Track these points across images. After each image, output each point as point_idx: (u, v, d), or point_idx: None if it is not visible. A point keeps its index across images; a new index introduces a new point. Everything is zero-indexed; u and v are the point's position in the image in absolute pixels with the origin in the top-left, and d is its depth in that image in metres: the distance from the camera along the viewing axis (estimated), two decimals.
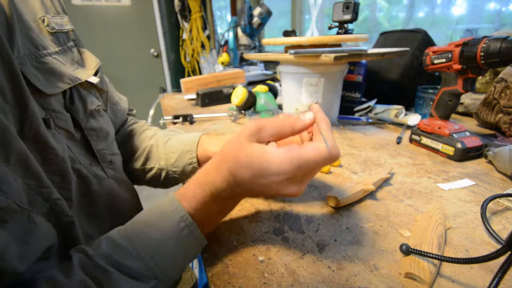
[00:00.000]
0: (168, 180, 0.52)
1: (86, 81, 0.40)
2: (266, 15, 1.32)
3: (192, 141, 0.49)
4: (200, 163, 0.48)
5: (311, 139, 0.33)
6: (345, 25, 0.78)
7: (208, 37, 2.43)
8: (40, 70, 0.34)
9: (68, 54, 0.40)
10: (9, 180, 0.26)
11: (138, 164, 0.52)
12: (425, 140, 0.60)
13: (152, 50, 2.61)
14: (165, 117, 0.90)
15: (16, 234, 0.25)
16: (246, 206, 0.42)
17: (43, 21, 0.37)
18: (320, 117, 0.31)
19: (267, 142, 0.30)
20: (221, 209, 0.33)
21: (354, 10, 0.74)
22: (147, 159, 0.52)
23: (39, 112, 0.32)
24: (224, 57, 1.39)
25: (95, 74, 0.43)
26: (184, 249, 0.31)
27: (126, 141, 0.54)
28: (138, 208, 0.50)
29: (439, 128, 0.57)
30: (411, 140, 0.63)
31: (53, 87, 0.35)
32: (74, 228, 0.33)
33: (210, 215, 0.32)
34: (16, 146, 0.27)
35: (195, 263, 0.59)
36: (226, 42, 1.40)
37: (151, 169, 0.52)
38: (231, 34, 1.36)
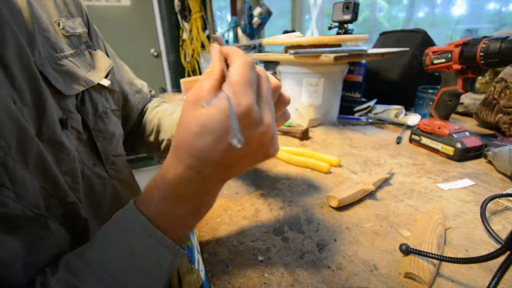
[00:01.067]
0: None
1: (98, 84, 0.41)
2: (266, 15, 1.32)
3: None
4: None
5: None
6: (345, 25, 0.78)
7: (208, 37, 2.43)
8: (59, 72, 0.35)
9: (81, 57, 0.41)
10: (27, 184, 0.26)
11: (152, 138, 0.56)
12: (425, 140, 0.60)
13: (152, 50, 2.61)
14: None
15: (28, 241, 0.26)
16: (246, 206, 0.43)
17: (59, 24, 0.38)
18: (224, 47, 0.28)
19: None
20: (195, 209, 0.28)
21: (354, 10, 0.74)
22: (158, 132, 0.56)
23: (57, 112, 0.33)
24: None
25: (106, 76, 0.44)
26: (150, 261, 0.27)
27: (144, 120, 0.58)
28: None
29: (439, 128, 0.57)
30: (411, 140, 0.63)
31: (70, 88, 0.36)
32: (87, 230, 0.34)
33: (179, 217, 0.28)
34: (34, 149, 0.28)
35: (201, 264, 0.59)
36: (226, 42, 1.40)
37: (162, 140, 0.55)
38: (231, 34, 1.36)
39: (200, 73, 2.51)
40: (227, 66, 0.28)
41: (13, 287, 0.24)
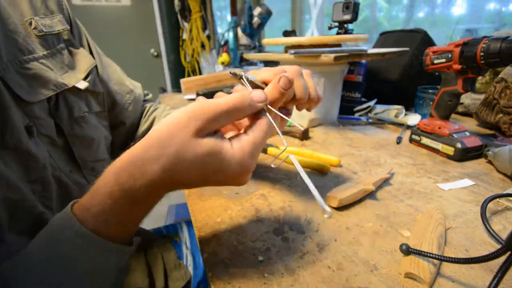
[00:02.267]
0: None
1: (74, 87, 0.39)
2: (266, 15, 1.32)
3: None
4: None
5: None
6: (345, 25, 0.78)
7: (208, 37, 2.43)
8: (24, 76, 0.32)
9: (57, 57, 0.38)
10: None
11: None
12: (425, 140, 0.60)
13: (152, 50, 2.61)
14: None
15: None
16: (246, 206, 0.42)
17: (30, 23, 0.35)
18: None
19: (214, 132, 0.25)
20: (145, 211, 0.26)
21: (354, 10, 0.74)
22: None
23: (22, 120, 0.31)
24: (224, 57, 1.39)
25: (86, 77, 0.41)
26: (87, 266, 0.24)
27: (139, 124, 0.57)
28: None
29: (439, 128, 0.57)
30: (411, 140, 0.63)
31: (36, 94, 0.33)
32: None
33: (121, 219, 0.25)
34: None
35: (189, 260, 0.59)
36: (226, 42, 1.40)
37: None
38: (231, 34, 1.36)
39: (200, 73, 2.51)
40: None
41: None
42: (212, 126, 0.24)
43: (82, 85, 0.40)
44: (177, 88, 1.43)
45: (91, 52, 0.48)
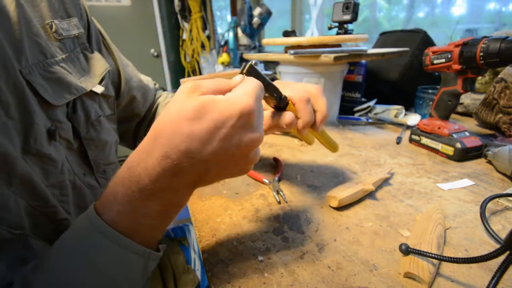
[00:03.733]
0: None
1: (91, 91, 0.39)
2: (266, 15, 1.32)
3: None
4: None
5: None
6: (345, 25, 0.78)
7: (208, 37, 2.43)
8: (48, 80, 0.33)
9: (75, 61, 0.38)
10: (9, 205, 0.25)
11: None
12: (424, 140, 0.60)
13: (152, 50, 2.61)
14: None
15: (9, 262, 0.25)
16: (246, 206, 0.43)
17: (51, 27, 0.35)
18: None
19: None
20: (163, 208, 0.25)
21: (354, 10, 0.74)
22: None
23: (45, 123, 0.32)
24: (224, 57, 1.39)
25: (101, 81, 0.42)
26: (117, 270, 0.24)
27: (154, 116, 0.59)
28: None
29: (439, 128, 0.57)
30: (411, 140, 0.63)
31: (60, 97, 0.34)
32: None
33: (146, 217, 0.24)
34: (19, 167, 0.26)
35: (197, 264, 0.59)
36: (226, 42, 1.40)
37: None
38: (231, 34, 1.36)
39: (200, 73, 2.51)
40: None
41: None
42: (203, 89, 0.24)
43: (99, 89, 0.40)
44: (177, 88, 1.43)
45: (110, 55, 0.50)
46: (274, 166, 0.56)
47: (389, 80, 0.89)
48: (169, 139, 0.22)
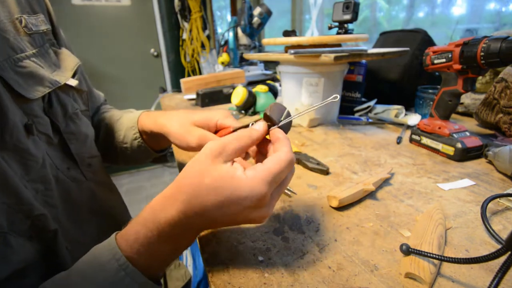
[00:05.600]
0: (124, 155, 0.53)
1: (65, 84, 0.39)
2: (266, 15, 1.32)
3: (134, 118, 0.50)
4: (142, 137, 0.50)
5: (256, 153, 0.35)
6: (345, 25, 0.78)
7: (208, 37, 2.44)
8: (20, 75, 0.32)
9: (45, 56, 0.38)
10: None
11: (98, 146, 0.52)
12: (425, 140, 0.60)
13: (152, 50, 2.61)
14: None
15: None
16: None
17: (20, 21, 0.35)
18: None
19: (232, 162, 0.27)
20: (174, 248, 0.28)
21: (354, 10, 0.74)
22: (103, 139, 0.53)
23: (21, 118, 0.31)
24: (224, 57, 1.39)
25: (73, 76, 0.41)
26: None
27: (99, 129, 0.54)
28: (123, 208, 0.51)
29: (439, 128, 0.57)
30: (411, 140, 0.63)
31: (34, 91, 0.33)
32: (56, 241, 0.33)
33: (159, 256, 0.28)
34: None
35: (189, 260, 0.59)
36: (226, 42, 1.40)
37: (109, 147, 0.53)
38: (231, 34, 1.36)
39: (200, 73, 2.51)
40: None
41: None
42: (227, 152, 0.27)
43: (73, 82, 0.40)
44: (177, 88, 1.43)
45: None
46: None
47: (389, 80, 0.89)
48: (187, 199, 0.25)
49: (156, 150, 0.53)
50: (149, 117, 0.49)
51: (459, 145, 0.52)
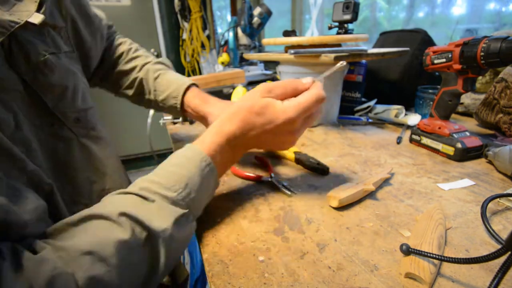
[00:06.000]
0: (156, 107, 0.59)
1: (28, 22, 0.31)
2: (266, 15, 1.32)
3: (178, 91, 0.55)
4: (182, 109, 0.56)
5: None
6: (345, 25, 0.78)
7: (208, 37, 2.43)
8: None
9: None
10: None
11: (130, 93, 0.58)
12: (425, 140, 0.60)
13: (152, 50, 2.61)
14: (165, 117, 0.90)
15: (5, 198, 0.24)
16: (246, 206, 0.42)
17: None
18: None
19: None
20: (233, 156, 0.39)
21: (354, 10, 0.74)
22: (139, 90, 0.57)
23: None
24: (224, 57, 1.39)
25: (39, 9, 0.32)
26: (206, 185, 0.35)
27: (116, 66, 0.57)
28: (120, 166, 0.49)
29: (439, 128, 0.57)
30: (411, 140, 0.63)
31: None
32: (54, 196, 0.31)
33: (224, 159, 0.37)
34: None
35: (187, 257, 0.59)
36: (226, 42, 1.40)
37: (142, 98, 0.57)
38: (231, 34, 1.36)
39: (200, 73, 2.51)
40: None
41: (23, 226, 0.23)
42: (272, 94, 0.36)
43: (37, 18, 0.31)
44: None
45: None
46: (257, 164, 0.57)
47: (389, 80, 0.89)
48: (242, 119, 0.36)
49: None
50: (196, 98, 0.55)
51: (459, 145, 0.52)
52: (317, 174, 0.51)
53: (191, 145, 0.36)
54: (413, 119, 0.73)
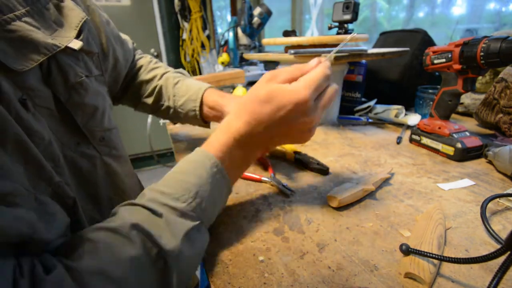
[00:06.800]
0: (175, 116, 0.59)
1: (67, 47, 0.33)
2: (266, 15, 1.32)
3: (197, 93, 0.55)
4: (201, 113, 0.56)
5: None
6: (345, 25, 0.78)
7: (208, 37, 2.43)
8: (9, 41, 0.27)
9: (43, 13, 0.32)
10: (10, 168, 0.24)
11: (150, 101, 0.58)
12: (425, 140, 0.60)
13: (152, 50, 2.61)
14: None
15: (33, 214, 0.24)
16: (246, 206, 0.42)
17: None
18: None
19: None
20: (245, 155, 0.36)
21: (354, 10, 0.74)
22: (158, 98, 0.58)
23: (14, 93, 0.27)
24: (224, 57, 1.39)
25: (79, 35, 0.35)
26: (218, 192, 0.33)
27: (136, 77, 0.58)
28: (137, 183, 0.50)
29: (439, 128, 0.57)
30: (411, 140, 0.63)
31: (26, 61, 0.29)
32: (77, 210, 0.31)
33: (235, 160, 0.35)
34: (12, 131, 0.24)
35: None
36: (226, 42, 1.40)
37: (161, 105, 0.58)
38: (231, 34, 1.36)
39: (200, 73, 2.51)
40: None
41: (45, 243, 0.23)
42: (277, 79, 0.34)
43: (76, 44, 0.34)
44: None
45: (84, 4, 0.43)
46: (257, 164, 0.57)
47: (389, 80, 0.89)
48: (249, 112, 0.33)
49: (206, 122, 0.58)
50: (214, 95, 0.55)
51: (459, 145, 0.52)
52: (317, 174, 0.51)
53: (199, 149, 0.34)
54: (413, 119, 0.73)
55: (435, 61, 0.56)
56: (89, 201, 0.37)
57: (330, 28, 0.81)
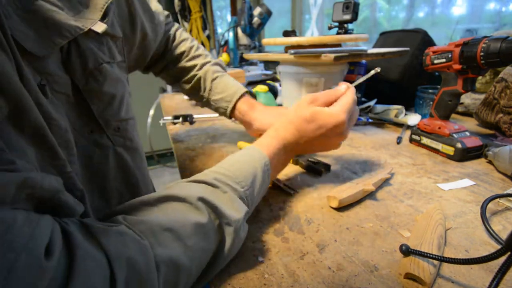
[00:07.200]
0: (206, 104, 0.64)
1: (91, 30, 0.31)
2: (266, 15, 1.32)
3: (232, 97, 0.60)
4: (231, 114, 0.61)
5: None
6: (345, 25, 0.78)
7: (208, 37, 2.43)
8: (30, 22, 0.26)
9: None
10: (25, 150, 0.23)
11: (187, 87, 0.64)
12: (425, 140, 0.60)
13: None
14: (165, 117, 0.90)
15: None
16: None
17: None
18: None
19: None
20: (285, 160, 0.43)
21: (354, 10, 0.74)
22: (195, 86, 0.63)
23: (33, 78, 0.26)
24: (224, 57, 1.39)
25: (104, 17, 0.33)
26: (263, 188, 0.37)
27: (179, 61, 0.63)
28: (149, 180, 0.48)
29: (439, 128, 0.57)
30: (411, 140, 0.63)
31: (48, 44, 0.27)
32: (85, 202, 0.30)
33: (278, 163, 0.41)
34: (33, 117, 0.23)
35: None
36: (226, 42, 1.40)
37: (197, 93, 0.64)
38: (231, 34, 1.36)
39: None
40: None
41: (75, 212, 0.24)
42: (317, 102, 0.42)
43: (100, 27, 0.32)
44: (177, 88, 1.43)
45: None
46: None
47: (389, 80, 0.89)
48: (296, 127, 0.41)
49: (231, 117, 0.63)
50: (245, 104, 0.59)
51: (459, 145, 0.52)
52: (316, 174, 0.51)
53: (254, 147, 0.39)
54: (413, 119, 0.73)
55: (435, 61, 0.56)
56: (97, 192, 0.35)
57: (330, 28, 0.81)
